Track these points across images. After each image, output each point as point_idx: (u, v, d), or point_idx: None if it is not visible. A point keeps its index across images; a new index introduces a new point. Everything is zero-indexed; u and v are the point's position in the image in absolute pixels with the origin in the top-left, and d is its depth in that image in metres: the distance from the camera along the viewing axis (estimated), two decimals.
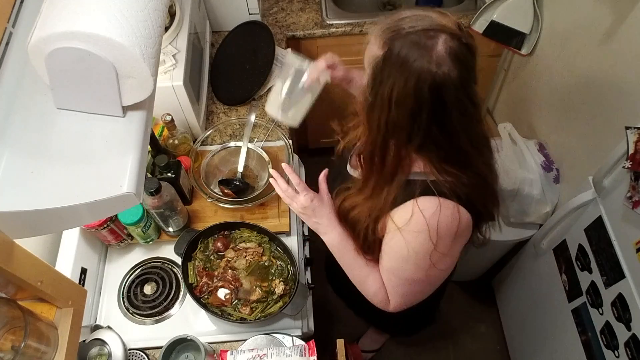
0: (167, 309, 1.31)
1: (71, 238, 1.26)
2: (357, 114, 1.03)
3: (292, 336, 1.23)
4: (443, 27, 0.77)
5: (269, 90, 1.69)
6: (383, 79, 0.79)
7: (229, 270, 1.26)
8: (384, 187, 0.92)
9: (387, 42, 0.78)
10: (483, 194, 0.92)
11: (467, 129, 0.84)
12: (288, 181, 1.07)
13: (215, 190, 1.40)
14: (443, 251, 0.90)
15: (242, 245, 1.31)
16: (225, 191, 1.38)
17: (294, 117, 1.12)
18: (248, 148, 1.45)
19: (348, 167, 1.10)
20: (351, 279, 1.08)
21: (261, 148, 1.47)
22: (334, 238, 1.04)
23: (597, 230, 1.32)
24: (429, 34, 0.76)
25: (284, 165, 1.06)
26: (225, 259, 1.29)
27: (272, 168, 1.43)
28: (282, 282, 1.25)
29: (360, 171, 1.00)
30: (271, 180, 1.07)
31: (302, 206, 1.02)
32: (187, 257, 1.27)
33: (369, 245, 1.01)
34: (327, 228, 1.04)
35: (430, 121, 0.80)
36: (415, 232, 0.88)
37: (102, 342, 1.17)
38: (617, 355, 1.26)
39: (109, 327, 1.21)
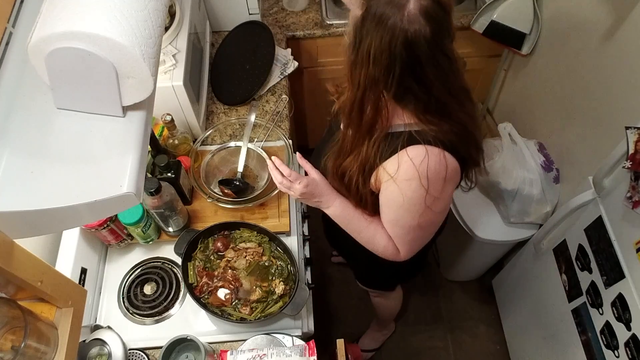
0: (167, 309, 1.31)
1: (71, 238, 1.26)
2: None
3: (292, 336, 1.23)
4: None
5: (269, 90, 1.70)
6: (362, 37, 0.85)
7: (229, 270, 1.26)
8: (364, 141, 0.98)
9: (365, 2, 0.83)
10: (466, 141, 0.97)
11: (444, 82, 0.89)
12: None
13: (215, 190, 1.40)
14: (435, 195, 0.96)
15: (242, 245, 1.31)
16: (225, 191, 1.38)
17: None
18: (248, 148, 1.45)
19: (341, 125, 1.15)
20: (360, 241, 1.15)
21: (261, 148, 1.47)
22: (336, 209, 1.12)
23: (597, 230, 1.32)
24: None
25: (273, 158, 1.11)
26: (225, 259, 1.29)
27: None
28: (282, 282, 1.25)
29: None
30: (270, 170, 1.12)
31: (300, 193, 1.08)
32: (187, 257, 1.27)
33: (362, 198, 1.08)
34: (328, 202, 1.11)
35: (405, 75, 0.85)
36: (407, 180, 0.94)
37: (102, 342, 1.17)
38: (617, 355, 1.26)
39: (109, 327, 1.21)
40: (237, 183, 1.40)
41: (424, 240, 1.12)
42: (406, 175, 0.94)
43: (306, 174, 1.15)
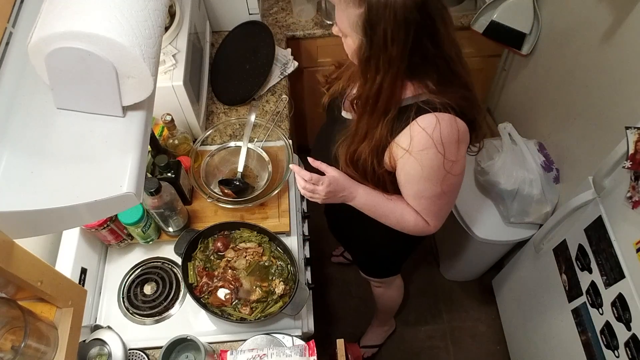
0: (167, 309, 1.31)
1: (71, 238, 1.26)
2: (339, 66, 1.18)
3: (292, 336, 1.23)
4: None
5: (269, 90, 1.70)
6: (374, 27, 0.87)
7: (229, 270, 1.26)
8: (379, 123, 1.00)
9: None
10: (471, 104, 1.00)
11: (451, 40, 0.93)
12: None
13: (215, 190, 1.40)
14: (452, 158, 0.98)
15: (242, 245, 1.31)
16: (225, 191, 1.38)
17: None
18: (248, 148, 1.45)
19: (343, 112, 1.16)
20: (389, 224, 1.16)
21: (261, 148, 1.47)
22: (361, 197, 1.12)
23: (597, 230, 1.32)
24: None
25: (291, 166, 1.12)
26: (225, 259, 1.29)
27: (272, 168, 1.43)
28: (282, 282, 1.25)
29: (353, 115, 1.07)
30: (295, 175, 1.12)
31: (325, 193, 1.09)
32: (187, 257, 1.27)
33: (379, 180, 1.09)
34: (352, 193, 1.11)
35: (422, 39, 0.88)
36: (423, 149, 0.96)
37: (102, 342, 1.17)
38: (617, 355, 1.26)
39: (109, 327, 1.21)
40: (237, 183, 1.40)
41: (450, 206, 1.12)
42: (421, 145, 0.96)
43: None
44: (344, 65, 1.20)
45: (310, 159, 1.12)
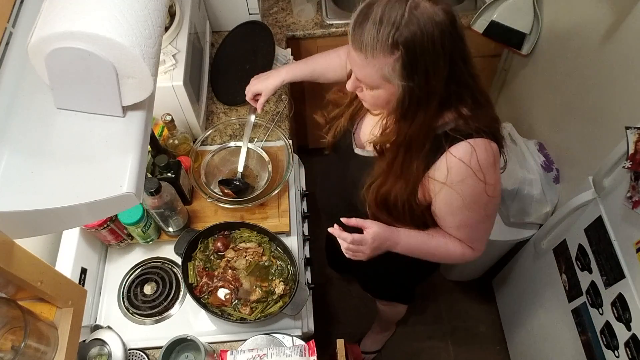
0: (167, 309, 1.31)
1: (71, 238, 1.26)
2: (338, 104, 1.13)
3: (292, 336, 1.23)
4: None
5: None
6: (414, 67, 0.82)
7: (229, 270, 1.26)
8: (414, 161, 0.95)
9: (395, 43, 0.81)
10: (496, 122, 0.98)
11: (470, 56, 0.90)
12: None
13: (215, 190, 1.40)
14: (492, 182, 0.94)
15: (242, 245, 1.31)
16: (225, 191, 1.38)
17: None
18: (248, 148, 1.45)
19: (356, 149, 1.12)
20: (436, 260, 1.13)
21: (261, 148, 1.47)
22: (404, 244, 1.06)
23: (597, 230, 1.32)
24: (410, 5, 0.80)
25: (330, 230, 1.04)
26: (225, 259, 1.29)
27: (272, 168, 1.43)
28: (282, 282, 1.25)
29: (372, 152, 1.03)
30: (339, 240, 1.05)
31: (370, 251, 1.02)
32: (187, 257, 1.27)
33: (412, 217, 1.05)
34: (395, 241, 1.05)
35: (458, 61, 0.86)
36: (462, 180, 0.92)
37: (102, 342, 1.17)
38: (617, 355, 1.26)
39: (109, 327, 1.21)
40: (237, 183, 1.40)
41: (492, 227, 1.09)
42: (459, 176, 0.92)
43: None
44: (344, 102, 1.14)
45: (344, 220, 1.02)
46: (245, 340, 1.22)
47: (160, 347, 1.16)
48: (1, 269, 0.61)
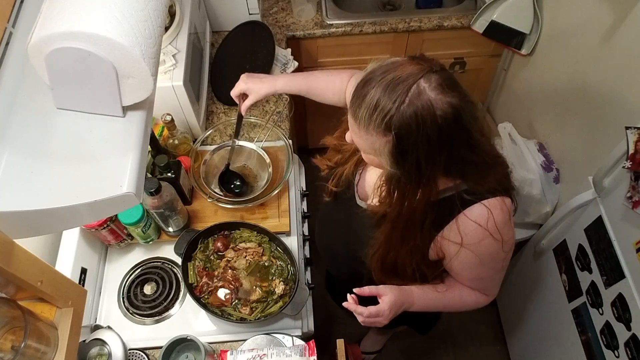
0: (167, 309, 1.31)
1: (71, 238, 1.26)
2: (339, 150, 1.10)
3: (292, 336, 1.23)
4: (413, 74, 0.76)
5: None
6: (405, 155, 0.79)
7: (229, 270, 1.26)
8: (417, 232, 0.93)
9: (388, 127, 0.77)
10: (506, 175, 0.95)
11: (485, 136, 0.88)
12: None
13: (216, 190, 1.40)
14: (508, 239, 0.93)
15: (242, 245, 1.31)
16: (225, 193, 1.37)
17: None
18: (248, 148, 1.45)
19: (359, 201, 1.09)
20: (451, 311, 1.12)
21: (261, 148, 1.47)
22: (419, 303, 1.05)
23: (597, 230, 1.32)
24: (414, 92, 0.75)
25: (345, 304, 1.04)
26: (225, 259, 1.29)
27: (272, 168, 1.43)
28: (282, 282, 1.25)
29: (374, 204, 0.99)
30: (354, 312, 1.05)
31: (387, 320, 1.02)
32: (187, 257, 1.27)
33: (420, 275, 1.03)
34: (410, 304, 1.04)
35: (461, 150, 0.81)
36: (478, 242, 0.91)
37: (102, 342, 1.17)
38: (617, 355, 1.26)
39: (109, 327, 1.21)
40: (237, 182, 1.40)
41: (502, 277, 1.08)
42: (476, 239, 0.90)
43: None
44: (347, 148, 1.10)
45: (357, 291, 1.01)
46: (245, 340, 1.22)
47: (160, 347, 1.16)
48: (1, 269, 0.61)
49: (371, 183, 1.06)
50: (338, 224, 1.22)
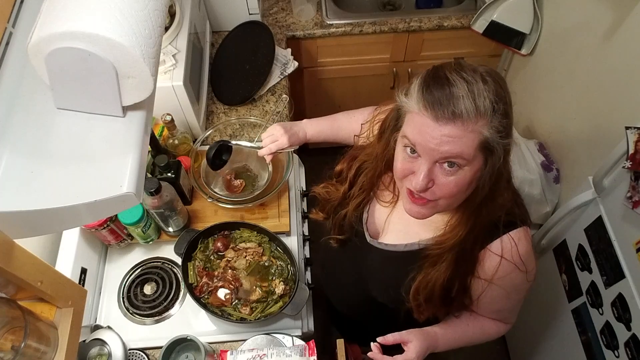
0: (167, 309, 1.31)
1: (71, 238, 1.26)
2: (328, 200, 1.09)
3: (292, 336, 1.23)
4: (447, 65, 0.78)
5: (269, 90, 1.70)
6: (510, 125, 0.79)
7: (229, 270, 1.26)
8: (477, 247, 0.92)
9: (479, 150, 0.76)
10: (521, 203, 0.94)
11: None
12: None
13: (216, 190, 1.40)
14: (531, 269, 0.93)
15: (242, 245, 1.31)
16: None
17: None
18: (248, 148, 1.45)
19: (372, 241, 1.05)
20: (473, 344, 1.12)
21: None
22: (444, 344, 1.05)
23: (597, 230, 1.32)
24: (469, 68, 0.76)
25: (370, 354, 1.00)
26: (225, 259, 1.29)
27: (272, 168, 1.43)
28: (282, 282, 1.25)
29: (387, 242, 0.99)
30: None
31: None
32: (187, 257, 1.27)
33: (456, 298, 1.00)
34: (434, 346, 1.04)
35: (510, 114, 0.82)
36: (505, 276, 0.91)
37: (102, 342, 1.17)
38: (617, 355, 1.26)
39: (109, 327, 1.21)
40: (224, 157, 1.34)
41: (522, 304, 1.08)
42: (503, 273, 0.91)
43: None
44: (336, 197, 1.09)
45: (381, 340, 0.98)
46: (245, 340, 1.22)
47: (160, 347, 1.16)
48: (1, 269, 0.61)
49: (382, 219, 1.05)
50: (345, 267, 1.19)
